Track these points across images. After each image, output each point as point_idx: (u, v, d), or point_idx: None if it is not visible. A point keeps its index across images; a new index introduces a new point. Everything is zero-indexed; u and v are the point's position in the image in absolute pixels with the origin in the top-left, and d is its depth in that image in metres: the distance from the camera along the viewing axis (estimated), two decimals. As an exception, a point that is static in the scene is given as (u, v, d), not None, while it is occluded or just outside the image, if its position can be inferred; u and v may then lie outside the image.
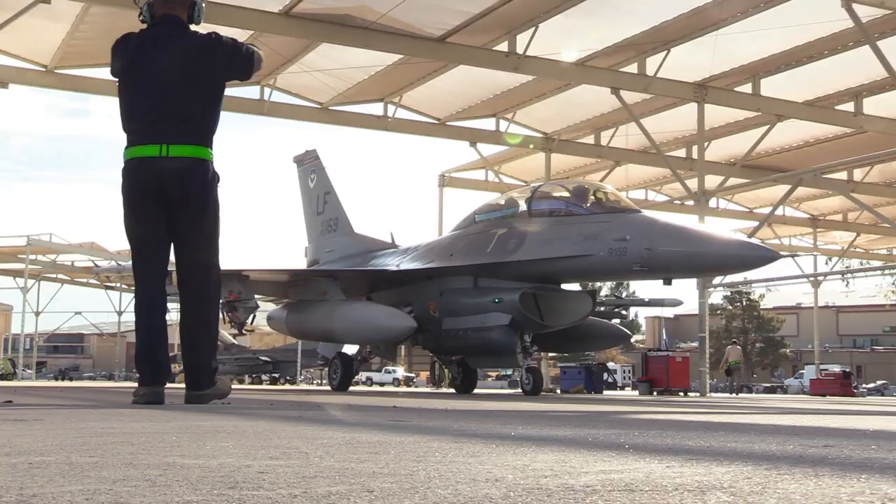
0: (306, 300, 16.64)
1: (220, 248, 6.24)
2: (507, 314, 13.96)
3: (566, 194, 14.11)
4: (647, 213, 13.56)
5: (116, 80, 6.32)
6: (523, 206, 14.49)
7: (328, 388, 18.76)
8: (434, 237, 18.40)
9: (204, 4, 6.33)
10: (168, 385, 6.10)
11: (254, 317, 17.14)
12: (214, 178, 6.14)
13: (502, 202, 15.69)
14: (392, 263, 17.14)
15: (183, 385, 6.18)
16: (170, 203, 6.01)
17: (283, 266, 19.15)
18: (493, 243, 14.28)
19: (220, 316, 15.48)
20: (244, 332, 16.25)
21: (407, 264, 16.52)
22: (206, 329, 6.12)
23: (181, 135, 6.00)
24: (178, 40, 6.13)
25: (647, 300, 22.29)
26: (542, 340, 15.03)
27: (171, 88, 6.03)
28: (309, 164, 22.35)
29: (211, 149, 6.14)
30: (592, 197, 13.64)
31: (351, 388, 17.53)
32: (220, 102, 6.31)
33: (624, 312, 19.03)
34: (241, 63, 6.27)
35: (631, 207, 13.51)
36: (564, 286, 14.85)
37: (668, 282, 13.05)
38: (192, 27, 6.27)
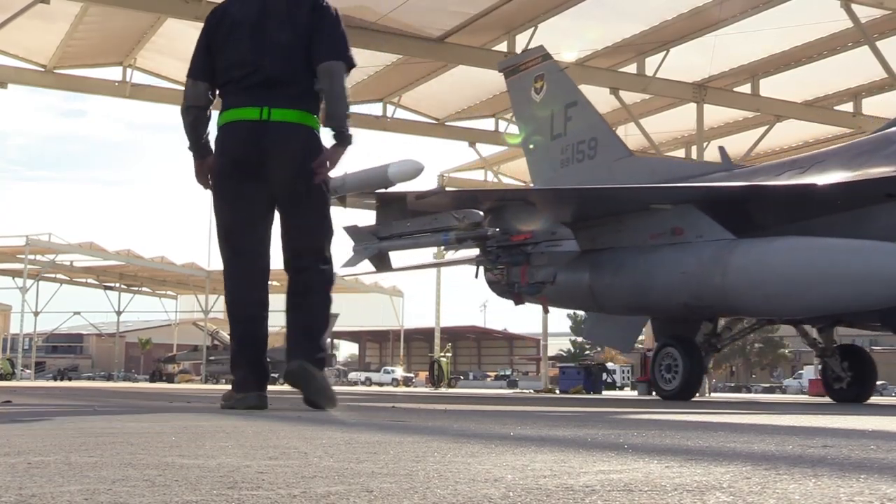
0: (625, 248, 10.46)
1: (332, 234, 5.23)
2: None
3: None
4: None
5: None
6: None
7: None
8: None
9: None
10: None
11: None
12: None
13: None
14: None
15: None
16: (272, 178, 5.01)
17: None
18: None
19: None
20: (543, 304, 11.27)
21: (802, 180, 9.55)
22: (313, 320, 5.07)
23: (287, 98, 5.01)
24: None
25: None
26: None
27: (279, 42, 5.02)
28: (530, 68, 14.72)
29: (318, 118, 5.14)
30: None
31: (353, 389, 16.97)
32: None
33: None
34: (336, 44, 5.07)
35: None
36: None
37: None
38: None
